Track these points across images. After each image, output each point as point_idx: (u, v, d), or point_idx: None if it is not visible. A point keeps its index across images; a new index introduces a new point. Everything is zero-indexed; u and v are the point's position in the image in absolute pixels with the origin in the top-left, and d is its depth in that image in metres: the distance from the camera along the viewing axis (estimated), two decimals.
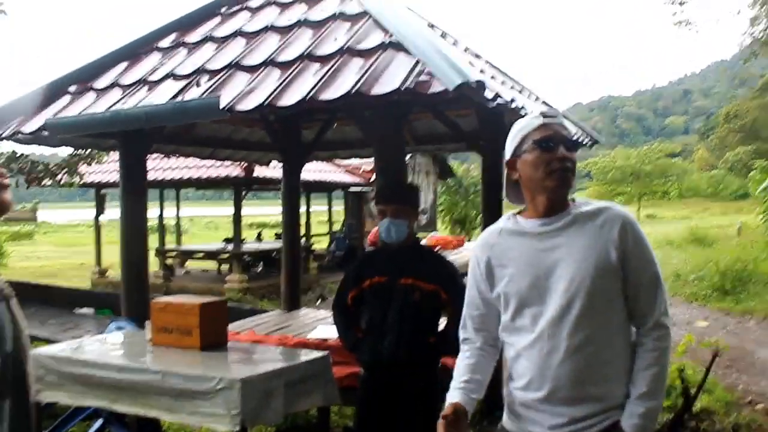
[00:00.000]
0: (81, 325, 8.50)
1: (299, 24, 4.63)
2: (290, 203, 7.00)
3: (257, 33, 4.77)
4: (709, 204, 51.66)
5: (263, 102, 3.68)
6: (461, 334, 2.40)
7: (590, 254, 2.08)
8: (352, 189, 18.26)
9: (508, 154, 2.23)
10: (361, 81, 3.53)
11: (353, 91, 3.46)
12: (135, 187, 5.39)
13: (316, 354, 3.88)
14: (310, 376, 3.69)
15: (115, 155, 13.83)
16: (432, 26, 5.12)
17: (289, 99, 3.63)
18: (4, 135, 4.94)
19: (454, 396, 2.25)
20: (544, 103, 5.90)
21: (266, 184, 15.20)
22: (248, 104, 3.75)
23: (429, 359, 3.63)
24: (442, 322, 3.71)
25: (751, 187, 21.93)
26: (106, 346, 4.23)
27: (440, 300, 3.54)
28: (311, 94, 3.58)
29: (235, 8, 5.44)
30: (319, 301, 13.68)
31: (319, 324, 5.86)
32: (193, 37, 5.17)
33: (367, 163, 17.51)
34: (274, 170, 13.31)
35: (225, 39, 4.89)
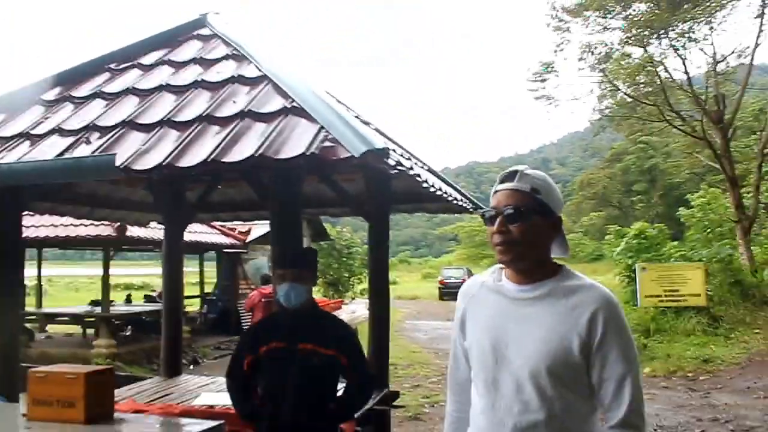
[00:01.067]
0: None
1: (195, 84, 4.60)
2: (171, 265, 6.78)
3: (151, 91, 4.67)
4: (569, 265, 54.42)
5: (162, 162, 3.59)
6: (449, 380, 2.35)
7: (552, 338, 1.96)
8: (227, 250, 17.90)
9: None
10: (265, 144, 3.53)
11: (257, 154, 3.45)
12: (9, 250, 5.04)
13: (210, 423, 3.72)
14: None
15: None
16: (327, 93, 5.22)
17: (191, 160, 3.57)
18: None
19: None
20: (429, 170, 6.11)
21: (138, 244, 14.63)
22: (146, 164, 3.64)
23: (329, 426, 3.59)
24: (341, 389, 3.70)
25: (606, 250, 23.39)
26: None
27: (340, 365, 3.53)
28: (213, 155, 3.54)
29: (125, 65, 5.32)
30: (192, 365, 13.19)
31: (202, 391, 5.65)
32: (80, 91, 4.99)
33: (242, 225, 17.28)
34: (146, 230, 12.88)
35: (116, 95, 4.75)
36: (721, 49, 23.68)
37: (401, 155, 4.85)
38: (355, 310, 18.23)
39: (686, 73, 22.67)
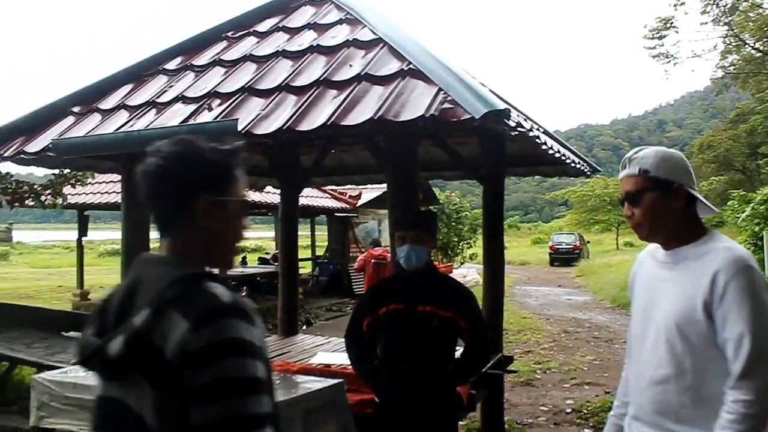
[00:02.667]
0: (69, 349, 8.29)
1: (311, 50, 4.63)
2: (287, 229, 6.95)
3: (267, 58, 4.75)
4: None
5: (282, 126, 3.66)
6: (628, 348, 2.43)
7: (681, 299, 2.07)
8: (338, 214, 18.22)
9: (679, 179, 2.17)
10: (384, 107, 3.52)
11: (376, 117, 3.45)
12: (137, 210, 5.31)
13: (331, 381, 3.82)
14: (325, 404, 3.63)
15: (100, 177, 13.72)
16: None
17: (310, 124, 3.61)
18: (6, 155, 4.85)
19: (607, 428, 2.48)
20: (545, 132, 5.94)
21: (254, 208, 15.10)
22: (266, 128, 3.72)
23: (447, 387, 3.59)
24: (458, 350, 3.68)
25: (729, 216, 22.28)
26: None
27: (458, 327, 3.51)
28: (333, 119, 3.56)
29: (241, 33, 5.43)
30: (305, 326, 13.57)
31: (319, 350, 5.79)
32: (200, 60, 5.15)
33: (353, 189, 17.52)
34: (260, 195, 13.25)
35: (234, 63, 4.87)
36: None
37: (519, 117, 4.74)
38: (465, 275, 18.17)
39: None
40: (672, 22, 23.71)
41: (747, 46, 23.71)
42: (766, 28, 21.76)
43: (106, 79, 5.29)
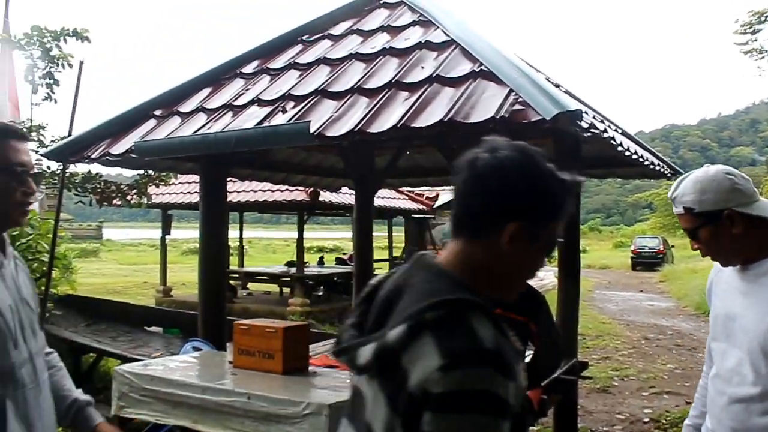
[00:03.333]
0: (150, 343, 8.62)
1: (384, 52, 4.66)
2: (362, 229, 7.02)
3: (341, 60, 4.81)
4: None
5: (353, 128, 3.70)
6: (707, 354, 2.41)
7: (766, 313, 1.97)
8: (415, 216, 18.26)
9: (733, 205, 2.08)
10: (454, 109, 3.52)
11: (447, 119, 3.45)
12: (215, 210, 5.49)
13: None
14: None
15: (182, 178, 14.17)
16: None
17: (381, 126, 3.64)
18: (93, 156, 5.07)
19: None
20: (623, 133, 5.80)
21: (330, 209, 15.31)
22: (338, 130, 3.77)
23: None
24: (529, 355, 3.64)
25: None
26: (187, 365, 4.27)
27: (528, 331, 3.46)
28: (403, 121, 3.58)
29: (316, 36, 5.52)
30: None
31: None
32: (275, 63, 5.26)
33: (430, 191, 17.52)
34: (337, 195, 13.42)
35: (309, 66, 4.95)
36: None
37: (594, 117, 4.65)
38: (543, 278, 17.87)
39: None
40: (766, 16, 22.72)
41: None
42: None
43: (187, 83, 5.46)
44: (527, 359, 3.61)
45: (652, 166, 5.77)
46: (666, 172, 6.33)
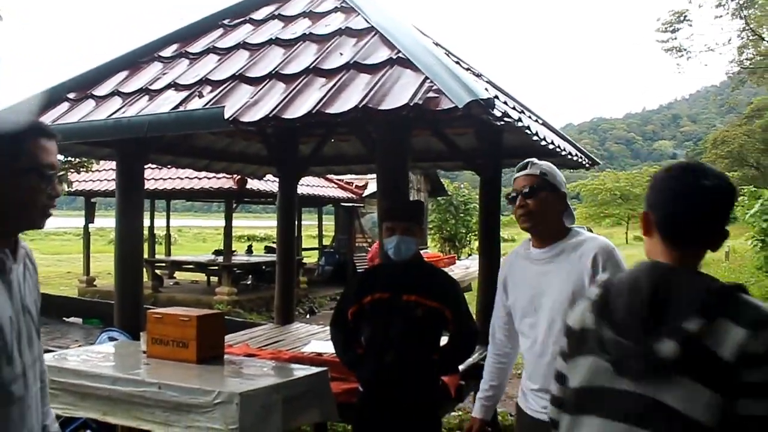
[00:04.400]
0: (68, 334, 8.40)
1: (304, 38, 4.62)
2: (286, 217, 6.96)
3: (261, 46, 4.75)
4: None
5: (268, 114, 3.65)
6: (492, 329, 3.00)
7: (570, 279, 2.58)
8: (344, 204, 18.25)
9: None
10: (369, 96, 3.51)
11: (361, 105, 3.44)
12: (132, 197, 5.35)
13: (315, 369, 3.84)
14: (308, 392, 3.64)
15: (105, 164, 13.80)
16: (437, 44, 5.13)
17: (295, 112, 3.61)
18: None
19: (478, 410, 3.01)
20: (543, 124, 5.91)
21: (258, 197, 15.16)
22: (253, 116, 3.72)
23: (431, 377, 3.60)
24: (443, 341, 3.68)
25: (740, 213, 22.15)
26: (99, 356, 4.16)
27: (443, 317, 3.51)
28: (318, 107, 3.56)
29: (238, 20, 5.43)
30: (309, 315, 13.63)
31: (313, 339, 5.81)
32: (195, 47, 5.15)
33: (359, 179, 17.54)
34: (265, 183, 13.30)
35: (228, 51, 4.87)
36: None
37: (512, 107, 4.73)
38: (469, 266, 18.13)
39: None
40: (685, 15, 23.54)
41: (764, 40, 23.46)
42: None
43: (102, 65, 5.30)
44: (443, 345, 3.66)
45: (570, 157, 5.91)
46: (585, 162, 6.49)
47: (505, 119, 3.68)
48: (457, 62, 5.30)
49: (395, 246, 3.44)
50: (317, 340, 5.72)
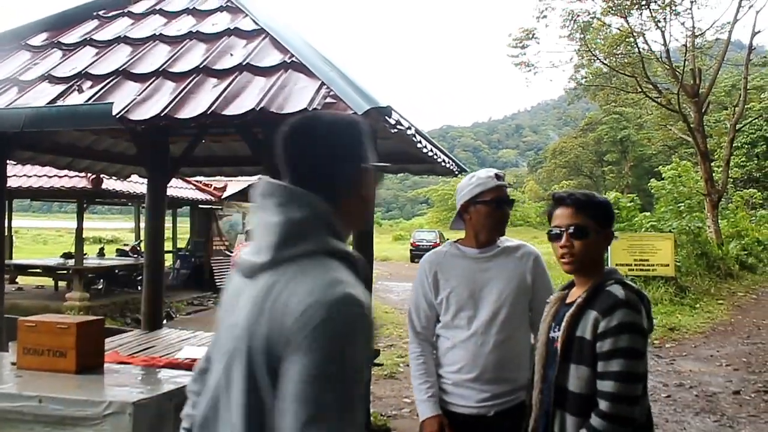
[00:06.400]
0: None
1: (190, 36, 4.52)
2: (154, 219, 6.70)
3: (143, 41, 4.58)
4: (538, 233, 54.95)
5: (160, 112, 3.54)
6: (415, 325, 2.99)
7: (514, 276, 2.84)
8: (202, 206, 17.76)
9: (464, 198, 2.87)
10: (266, 99, 3.50)
11: (258, 108, 3.42)
12: None
13: None
14: None
15: None
16: None
17: (190, 111, 3.52)
18: None
19: (428, 409, 2.86)
20: (418, 132, 6.08)
21: (115, 197, 14.45)
22: (143, 114, 3.59)
23: None
24: None
25: None
26: None
27: None
28: (213, 108, 3.49)
29: (114, 12, 5.19)
30: (166, 320, 13.15)
31: (185, 344, 5.65)
32: (68, 38, 4.87)
33: (218, 181, 17.13)
34: (122, 183, 12.71)
35: (107, 44, 4.65)
36: (700, 23, 23.92)
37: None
38: None
39: (665, 45, 22.81)
40: (534, 34, 24.93)
41: (597, 60, 25.30)
42: (616, 46, 23.35)
43: None
44: None
45: (443, 164, 6.13)
46: (454, 169, 6.75)
47: (398, 127, 3.79)
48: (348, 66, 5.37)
49: None
50: (189, 345, 5.57)
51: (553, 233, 2.32)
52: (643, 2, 21.72)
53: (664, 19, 22.25)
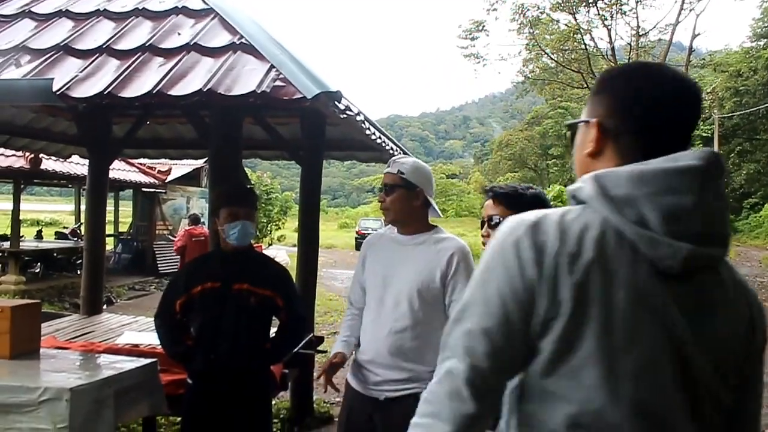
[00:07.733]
0: None
1: (135, 13, 4.39)
2: (95, 201, 6.54)
3: (86, 16, 4.43)
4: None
5: (103, 90, 3.43)
6: (350, 298, 3.16)
7: (425, 268, 2.83)
8: (145, 189, 17.40)
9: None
10: (214, 80, 3.42)
11: (206, 89, 3.34)
12: None
13: (144, 361, 3.66)
14: (138, 385, 3.46)
15: None
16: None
17: (135, 90, 3.42)
18: None
19: (339, 347, 3.02)
20: (366, 119, 6.07)
21: (54, 178, 14.04)
22: (85, 91, 3.46)
23: (263, 366, 3.59)
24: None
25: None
26: None
27: (275, 305, 3.50)
28: (158, 88, 3.40)
29: None
30: (106, 305, 12.87)
31: (125, 329, 5.54)
32: (4, 9, 4.68)
33: (162, 164, 16.81)
34: (62, 164, 12.36)
35: (47, 17, 4.48)
36: (644, 23, 24.50)
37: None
38: (275, 255, 18.07)
39: (611, 43, 23.30)
40: (484, 26, 25.13)
41: (545, 55, 25.67)
42: (563, 42, 23.74)
43: None
44: (274, 334, 3.66)
45: (391, 151, 6.11)
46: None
47: (347, 113, 3.76)
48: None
49: (240, 231, 3.37)
50: (130, 331, 5.46)
51: (481, 222, 2.54)
52: (591, 0, 22.10)
53: (611, 17, 22.69)
